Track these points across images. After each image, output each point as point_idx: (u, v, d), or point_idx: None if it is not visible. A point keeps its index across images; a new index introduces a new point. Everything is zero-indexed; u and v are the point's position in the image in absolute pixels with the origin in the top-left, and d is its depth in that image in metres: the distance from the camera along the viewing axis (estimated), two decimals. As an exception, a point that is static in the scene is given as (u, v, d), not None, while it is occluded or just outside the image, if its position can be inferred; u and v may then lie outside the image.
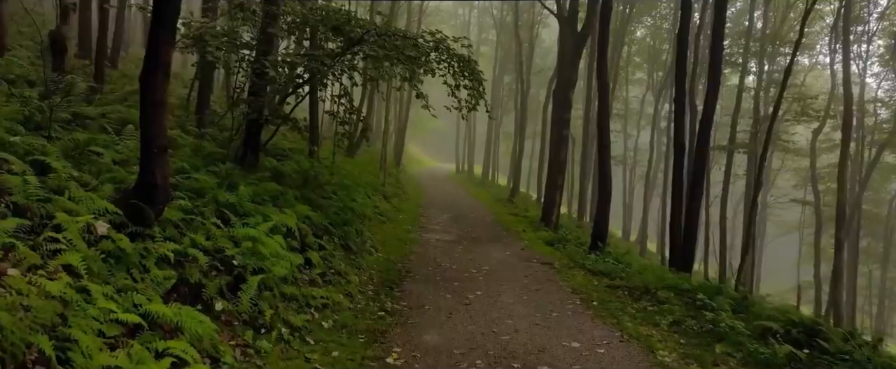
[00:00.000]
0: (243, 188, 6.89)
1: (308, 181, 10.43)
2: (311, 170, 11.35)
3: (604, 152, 12.65)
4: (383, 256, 10.91)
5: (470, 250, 12.52)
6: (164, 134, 4.99)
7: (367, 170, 20.13)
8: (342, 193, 11.71)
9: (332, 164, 14.33)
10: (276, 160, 12.62)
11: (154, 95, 4.89)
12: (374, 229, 13.11)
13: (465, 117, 10.23)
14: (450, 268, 10.38)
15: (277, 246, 5.98)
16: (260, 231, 6.05)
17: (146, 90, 4.90)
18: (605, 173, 12.62)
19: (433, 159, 60.16)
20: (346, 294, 7.49)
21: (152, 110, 4.91)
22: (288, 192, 8.11)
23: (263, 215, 6.66)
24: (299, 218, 7.77)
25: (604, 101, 12.73)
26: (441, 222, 17.16)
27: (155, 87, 4.88)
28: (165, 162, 5.02)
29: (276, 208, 7.46)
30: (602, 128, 12.73)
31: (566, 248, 13.42)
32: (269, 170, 10.11)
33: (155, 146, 4.89)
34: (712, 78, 11.01)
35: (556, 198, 16.80)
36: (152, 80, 4.88)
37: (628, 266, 11.12)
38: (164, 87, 4.95)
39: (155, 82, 4.88)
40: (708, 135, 11.24)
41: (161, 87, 4.90)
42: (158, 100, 4.91)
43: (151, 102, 4.90)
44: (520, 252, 12.71)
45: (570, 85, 16.30)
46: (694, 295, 8.26)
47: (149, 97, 4.90)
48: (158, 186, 4.90)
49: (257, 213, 6.66)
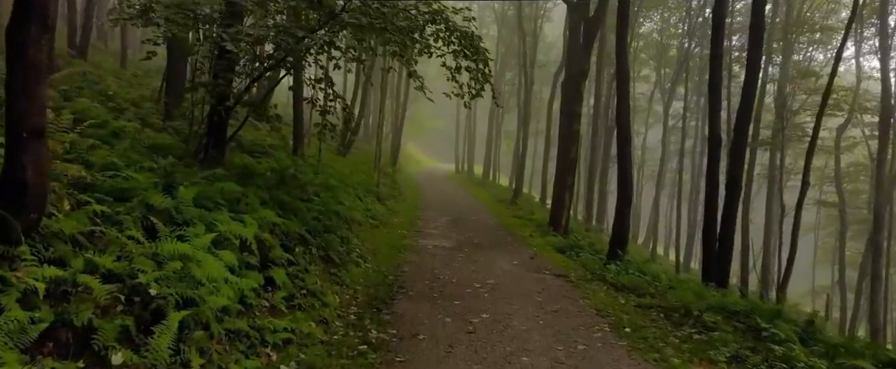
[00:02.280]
0: (185, 189, 5.38)
1: (284, 181, 8.94)
2: (289, 168, 9.86)
3: (624, 148, 11.13)
4: (373, 267, 9.42)
5: (472, 258, 11.04)
6: (40, 111, 3.49)
7: (360, 169, 18.64)
8: (326, 195, 10.21)
9: (319, 163, 12.83)
10: (253, 157, 11.15)
11: (25, 55, 3.39)
12: (364, 235, 11.62)
13: (468, 105, 8.75)
14: (449, 282, 8.89)
15: (219, 266, 4.48)
16: (197, 245, 4.56)
17: (13, 47, 3.41)
18: (625, 172, 11.11)
19: (432, 159, 58.65)
20: (319, 321, 5.99)
21: (23, 77, 3.41)
22: (251, 194, 6.60)
23: (209, 224, 5.16)
24: (264, 226, 6.27)
25: (624, 91, 11.23)
26: (440, 226, 15.68)
27: (25, 43, 3.38)
28: (42, 151, 3.51)
29: (234, 214, 5.96)
30: (622, 122, 11.22)
31: (580, 257, 11.92)
32: (238, 167, 8.62)
33: (25, 127, 3.40)
34: (752, 57, 9.50)
35: (565, 200, 15.30)
36: (21, 34, 3.38)
37: (655, 279, 9.63)
38: (43, 43, 3.44)
39: (25, 36, 3.38)
40: (747, 127, 9.77)
41: (36, 43, 3.40)
42: (32, 63, 3.41)
43: (21, 65, 3.40)
44: (528, 261, 11.21)
45: (581, 75, 14.79)
46: (748, 318, 6.76)
47: (17, 57, 3.40)
48: (29, 185, 3.40)
49: (201, 222, 5.15)
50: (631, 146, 11.27)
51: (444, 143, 57.16)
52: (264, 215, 6.28)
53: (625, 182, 11.18)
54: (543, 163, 26.42)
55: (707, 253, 9.76)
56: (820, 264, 32.93)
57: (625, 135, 11.14)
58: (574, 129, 14.86)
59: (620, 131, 11.19)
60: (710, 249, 9.64)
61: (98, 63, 17.20)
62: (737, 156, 9.65)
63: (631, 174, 11.24)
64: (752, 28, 9.69)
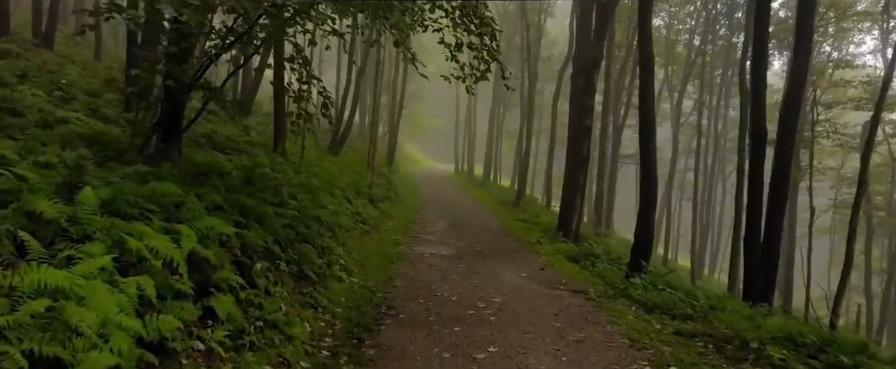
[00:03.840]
0: (91, 191, 3.98)
1: (252, 182, 7.53)
2: (263, 167, 8.47)
3: (648, 142, 9.70)
4: (359, 282, 8.03)
5: (474, 269, 9.66)
6: None
7: (352, 169, 17.27)
8: (306, 198, 8.82)
9: (302, 161, 11.44)
10: (224, 154, 9.76)
11: None
12: (351, 243, 10.23)
13: (471, 90, 7.36)
14: (448, 300, 7.51)
15: (112, 302, 3.09)
16: (84, 272, 3.16)
17: None
18: (649, 170, 9.69)
19: (431, 159, 57.25)
20: (277, 363, 4.59)
21: None
22: (199, 197, 5.19)
23: (120, 239, 3.76)
24: (210, 238, 4.88)
25: (647, 79, 9.83)
26: (438, 231, 14.29)
27: None
28: None
29: (168, 224, 4.57)
30: (646, 113, 9.80)
31: (597, 267, 10.54)
32: (195, 165, 7.22)
33: None
34: (803, 25, 8.11)
35: (576, 202, 13.90)
36: None
37: (689, 295, 8.23)
38: None
39: None
40: (796, 118, 8.37)
41: None
42: None
43: None
44: (539, 273, 9.82)
45: (593, 65, 13.39)
46: (824, 353, 5.36)
47: None
48: None
49: (107, 236, 3.75)
50: (654, 139, 9.86)
51: (443, 143, 55.76)
52: (211, 224, 4.88)
53: (648, 182, 9.75)
54: (548, 162, 25.04)
55: (749, 264, 8.36)
56: (835, 267, 31.51)
57: (649, 128, 9.72)
58: (586, 124, 13.45)
59: (644, 123, 9.77)
60: (753, 260, 8.24)
61: (70, 54, 15.85)
62: (785, 150, 8.26)
63: (655, 173, 9.83)
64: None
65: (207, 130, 11.61)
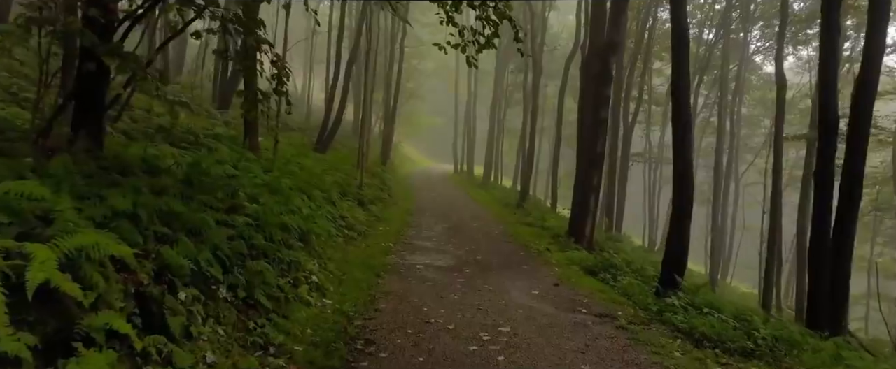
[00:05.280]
0: None
1: (196, 181, 5.96)
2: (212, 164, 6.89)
3: (684, 134, 8.05)
4: (333, 305, 6.47)
5: (475, 285, 8.10)
6: None
7: (340, 167, 15.70)
8: (271, 201, 7.23)
9: (274, 158, 9.86)
10: (178, 148, 8.19)
11: None
12: (330, 253, 8.66)
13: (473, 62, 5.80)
14: (444, 329, 5.95)
15: None
16: None
17: None
18: (685, 168, 8.08)
19: (430, 159, 55.64)
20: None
21: None
22: (63, 203, 3.60)
23: None
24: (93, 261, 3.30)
25: (682, 59, 8.25)
26: (435, 236, 12.73)
27: None
28: None
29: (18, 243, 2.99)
30: (680, 100, 8.18)
31: (619, 282, 8.96)
32: (122, 160, 5.65)
33: None
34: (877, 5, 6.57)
35: (590, 204, 12.30)
36: None
37: (743, 322, 6.64)
38: None
39: None
40: (871, 105, 6.80)
41: None
42: None
43: None
44: (553, 290, 8.25)
45: (610, 49, 11.79)
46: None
47: None
48: None
49: None
50: (691, 131, 8.27)
51: (442, 143, 54.13)
52: (90, 242, 3.30)
53: (684, 183, 8.13)
54: (553, 161, 23.45)
55: (816, 285, 6.77)
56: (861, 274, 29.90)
57: (684, 117, 8.10)
58: (601, 116, 11.85)
59: (678, 112, 8.16)
60: (819, 280, 6.66)
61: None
62: (858, 144, 6.69)
63: (692, 172, 8.23)
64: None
65: (168, 122, 10.05)
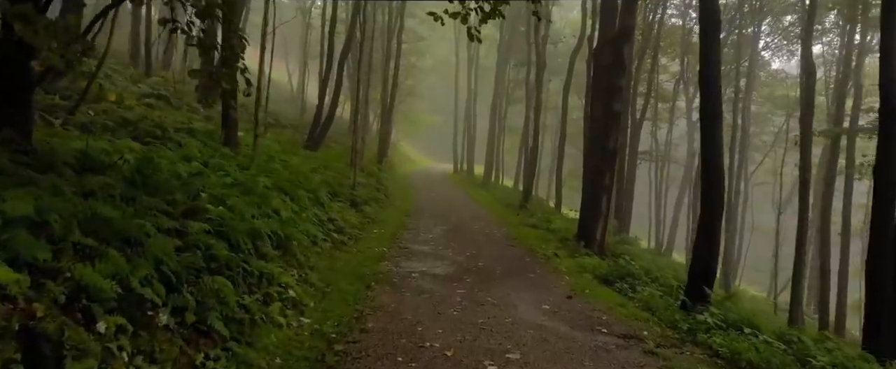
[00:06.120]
0: None
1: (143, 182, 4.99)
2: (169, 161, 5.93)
3: (713, 123, 7.04)
4: (311, 325, 5.51)
5: (478, 298, 7.13)
6: None
7: (332, 166, 14.73)
8: (245, 202, 6.27)
9: (253, 154, 8.89)
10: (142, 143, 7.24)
11: None
12: (314, 261, 7.69)
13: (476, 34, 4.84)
14: (440, 355, 5.01)
15: None
16: None
17: None
18: (714, 160, 7.07)
19: (429, 158, 54.68)
20: None
21: None
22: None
23: None
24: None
25: (711, 44, 7.24)
26: (433, 239, 11.77)
27: None
28: None
29: None
30: (708, 88, 7.16)
31: (639, 293, 8.00)
32: (55, 154, 4.69)
33: None
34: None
35: (601, 205, 11.31)
36: None
37: (790, 344, 5.67)
38: None
39: None
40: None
41: None
42: None
43: None
44: (566, 303, 7.27)
45: (624, 36, 10.80)
46: None
47: None
48: None
49: None
50: (721, 126, 7.27)
51: (441, 142, 53.16)
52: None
53: (714, 176, 7.14)
54: (558, 160, 22.48)
55: (874, 301, 5.80)
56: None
57: (713, 108, 7.09)
58: (614, 110, 10.85)
59: (707, 102, 7.15)
60: (881, 295, 5.70)
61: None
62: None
63: (722, 166, 7.23)
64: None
65: (136, 116, 9.10)
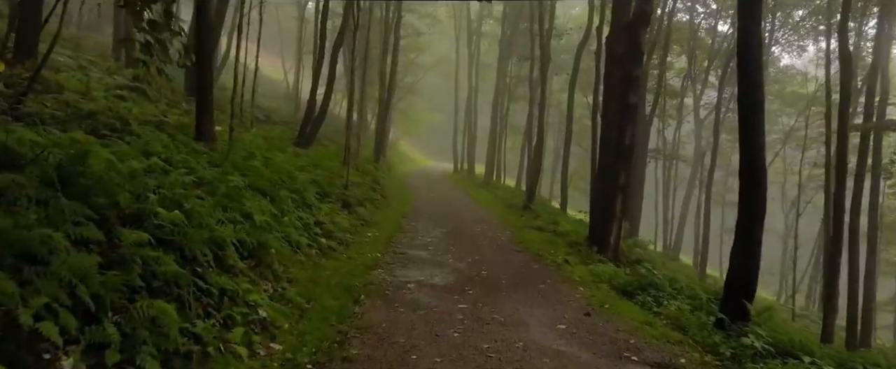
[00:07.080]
0: None
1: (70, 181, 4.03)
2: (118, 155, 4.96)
3: (752, 114, 6.08)
4: (282, 355, 4.56)
5: (482, 316, 6.16)
6: None
7: (324, 165, 13.76)
8: (208, 204, 5.30)
9: (228, 150, 7.91)
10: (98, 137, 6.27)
11: None
12: (296, 271, 6.71)
13: None
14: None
15: None
16: None
17: None
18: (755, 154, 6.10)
19: (428, 157, 53.70)
20: None
21: None
22: None
23: None
24: None
25: (751, 35, 6.26)
26: (432, 243, 10.81)
27: None
28: None
29: None
30: (749, 72, 6.18)
31: (665, 307, 7.02)
32: None
33: None
34: None
35: (615, 206, 10.33)
36: None
37: None
38: None
39: None
40: None
41: None
42: None
43: None
44: (584, 321, 6.30)
45: (642, 21, 9.80)
46: None
47: None
48: None
49: None
50: (762, 121, 6.29)
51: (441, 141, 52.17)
52: None
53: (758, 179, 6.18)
54: (564, 159, 21.52)
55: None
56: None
57: (755, 95, 6.11)
58: (630, 103, 9.86)
59: (747, 89, 6.18)
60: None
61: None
62: None
63: (764, 166, 6.27)
64: None
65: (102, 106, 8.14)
